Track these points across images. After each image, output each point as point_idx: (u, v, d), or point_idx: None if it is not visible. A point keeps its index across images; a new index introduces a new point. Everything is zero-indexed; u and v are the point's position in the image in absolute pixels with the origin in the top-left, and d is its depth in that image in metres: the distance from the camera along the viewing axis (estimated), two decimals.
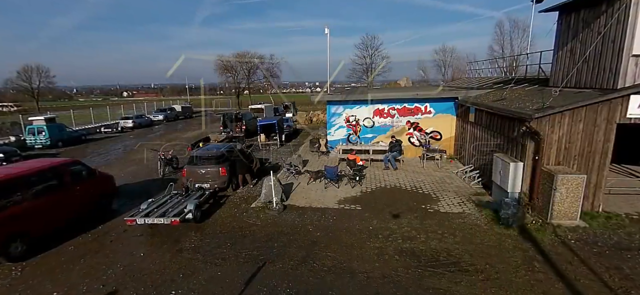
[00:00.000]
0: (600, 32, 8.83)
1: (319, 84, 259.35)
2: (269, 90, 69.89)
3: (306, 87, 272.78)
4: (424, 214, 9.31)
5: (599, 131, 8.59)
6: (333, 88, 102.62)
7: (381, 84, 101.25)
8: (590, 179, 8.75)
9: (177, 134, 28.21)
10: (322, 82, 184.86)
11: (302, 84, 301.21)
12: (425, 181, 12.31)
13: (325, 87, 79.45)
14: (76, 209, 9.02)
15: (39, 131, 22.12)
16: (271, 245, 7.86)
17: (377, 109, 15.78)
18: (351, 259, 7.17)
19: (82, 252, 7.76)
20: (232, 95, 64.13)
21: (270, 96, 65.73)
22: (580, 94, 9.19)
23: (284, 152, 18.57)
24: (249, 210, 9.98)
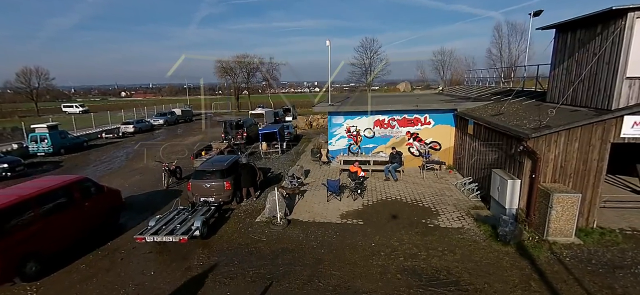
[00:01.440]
0: (596, 53, 9.12)
1: (317, 84, 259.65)
2: (268, 91, 70.01)
3: (305, 86, 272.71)
4: (425, 230, 9.59)
5: (593, 150, 8.88)
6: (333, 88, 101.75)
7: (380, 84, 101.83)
8: (585, 196, 9.05)
9: (178, 139, 28.37)
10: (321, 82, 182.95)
11: (301, 83, 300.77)
12: (425, 193, 12.59)
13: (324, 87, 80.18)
14: (86, 225, 9.26)
15: (42, 138, 22.26)
16: (277, 263, 8.11)
17: (377, 119, 16.04)
18: (355, 277, 7.44)
19: (94, 271, 8.00)
20: (231, 96, 64.25)
21: (269, 98, 65.99)
22: (576, 113, 9.48)
23: (285, 160, 18.82)
24: (253, 225, 10.23)
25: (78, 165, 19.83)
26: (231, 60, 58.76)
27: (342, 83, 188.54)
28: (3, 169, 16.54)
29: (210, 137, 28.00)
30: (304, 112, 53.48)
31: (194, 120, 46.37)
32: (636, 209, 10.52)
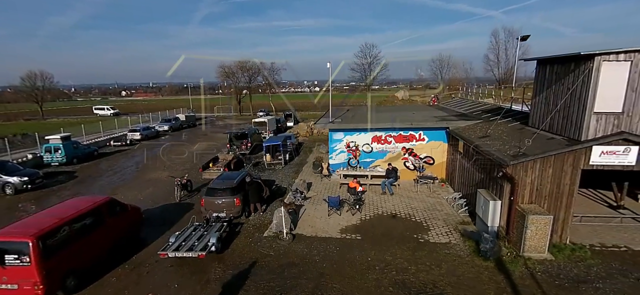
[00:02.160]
0: (569, 89, 10.22)
1: (317, 83, 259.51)
2: (269, 93, 70.40)
3: (305, 85, 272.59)
4: (416, 245, 10.70)
5: (566, 176, 9.98)
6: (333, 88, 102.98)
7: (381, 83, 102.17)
8: (558, 216, 10.16)
9: (184, 147, 29.42)
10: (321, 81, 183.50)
11: (301, 82, 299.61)
12: (418, 208, 13.71)
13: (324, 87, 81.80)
14: (113, 241, 10.37)
15: (56, 149, 23.36)
16: (284, 276, 9.22)
17: (375, 135, 17.15)
18: (353, 290, 8.55)
19: (124, 284, 9.11)
20: (232, 96, 65.17)
21: (270, 101, 66.97)
22: (551, 141, 10.58)
23: (288, 172, 19.92)
24: (262, 240, 11.34)
25: (92, 176, 20.95)
26: (233, 64, 59.78)
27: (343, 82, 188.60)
28: (24, 181, 17.63)
29: (214, 145, 29.12)
30: (304, 116, 54.59)
31: (197, 125, 47.41)
32: (608, 224, 11.63)
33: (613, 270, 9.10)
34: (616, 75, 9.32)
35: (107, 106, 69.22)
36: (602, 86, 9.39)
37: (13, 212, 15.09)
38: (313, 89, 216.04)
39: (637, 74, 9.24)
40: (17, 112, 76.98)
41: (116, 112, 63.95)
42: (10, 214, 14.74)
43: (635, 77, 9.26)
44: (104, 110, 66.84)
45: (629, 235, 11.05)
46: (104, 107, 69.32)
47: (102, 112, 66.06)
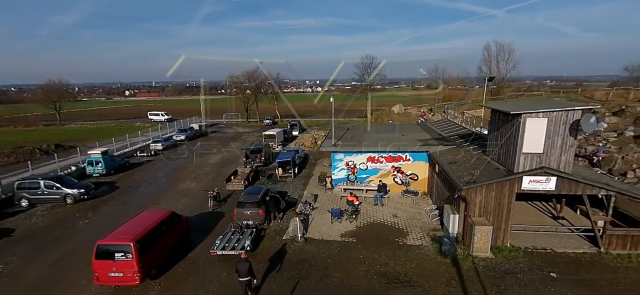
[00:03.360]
0: (508, 133, 13.97)
1: (319, 82, 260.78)
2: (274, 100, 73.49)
3: (307, 85, 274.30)
4: (396, 247, 14.47)
5: (504, 197, 13.72)
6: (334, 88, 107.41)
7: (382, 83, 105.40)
8: (499, 226, 13.91)
9: (204, 159, 33.22)
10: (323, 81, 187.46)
11: (303, 82, 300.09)
12: (402, 217, 17.48)
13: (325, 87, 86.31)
14: (175, 243, 14.19)
15: (97, 162, 27.26)
16: (300, 268, 12.99)
17: (369, 156, 20.91)
18: (349, 278, 12.32)
19: (189, 273, 12.93)
20: (236, 97, 68.55)
21: (276, 108, 70.73)
22: (497, 171, 14.34)
23: (297, 184, 23.70)
24: (282, 242, 15.13)
25: (131, 187, 24.80)
26: (241, 74, 63.61)
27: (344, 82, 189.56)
28: (81, 193, 21.48)
29: (229, 158, 32.93)
30: (307, 123, 58.35)
31: (209, 134, 51.20)
32: (546, 232, 15.33)
33: (534, 266, 12.83)
34: (538, 127, 13.05)
35: (161, 112, 71.57)
36: (528, 134, 13.14)
37: (76, 219, 18.96)
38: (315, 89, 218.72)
39: (552, 126, 12.97)
40: (34, 114, 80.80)
41: (170, 118, 67.09)
42: (75, 221, 18.65)
43: (551, 128, 13.00)
44: (159, 116, 69.39)
45: (557, 240, 14.76)
46: (159, 113, 71.58)
47: (157, 117, 68.74)
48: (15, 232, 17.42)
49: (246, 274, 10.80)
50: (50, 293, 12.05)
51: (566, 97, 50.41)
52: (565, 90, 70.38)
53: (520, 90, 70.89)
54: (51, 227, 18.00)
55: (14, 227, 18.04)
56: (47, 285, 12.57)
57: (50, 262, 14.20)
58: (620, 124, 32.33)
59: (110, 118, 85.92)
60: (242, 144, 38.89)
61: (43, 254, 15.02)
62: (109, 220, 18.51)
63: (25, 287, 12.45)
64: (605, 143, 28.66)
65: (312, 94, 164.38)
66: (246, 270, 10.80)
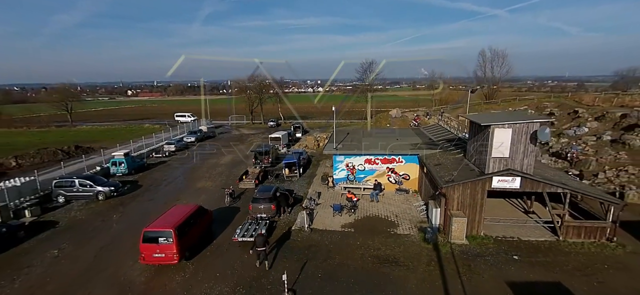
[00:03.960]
0: (481, 140, 16.66)
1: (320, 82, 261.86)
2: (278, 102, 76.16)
3: (308, 85, 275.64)
4: (388, 235, 17.18)
5: (477, 194, 16.41)
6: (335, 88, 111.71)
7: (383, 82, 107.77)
8: (473, 218, 16.60)
9: (215, 160, 35.97)
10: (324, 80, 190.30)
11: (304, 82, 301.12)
12: (394, 211, 20.18)
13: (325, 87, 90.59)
14: (201, 232, 16.94)
15: (120, 163, 30.05)
16: (308, 252, 15.71)
17: (367, 158, 23.61)
18: (348, 259, 15.03)
19: (216, 256, 15.67)
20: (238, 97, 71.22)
21: (279, 111, 73.49)
22: (472, 172, 17.03)
23: (302, 183, 26.41)
24: (291, 232, 17.85)
25: (153, 185, 27.55)
26: (246, 79, 66.42)
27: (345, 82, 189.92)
28: (111, 191, 24.23)
29: (237, 159, 35.65)
30: (309, 125, 61.08)
31: (216, 136, 53.95)
32: (516, 224, 17.97)
33: (500, 251, 15.52)
34: (504, 136, 15.73)
35: (187, 113, 74.11)
36: (496, 141, 15.82)
37: (110, 213, 21.71)
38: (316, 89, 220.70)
39: (516, 135, 15.65)
40: (47, 115, 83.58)
41: (195, 119, 70.06)
42: (109, 215, 21.41)
43: (515, 137, 15.67)
44: (185, 117, 72.13)
45: (524, 231, 17.41)
46: (185, 114, 74.12)
47: (183, 119, 71.47)
48: (59, 224, 20.20)
49: (262, 245, 13.87)
50: (104, 271, 14.81)
51: (557, 101, 52.89)
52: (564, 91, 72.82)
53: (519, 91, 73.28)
54: (89, 220, 20.77)
55: (57, 220, 20.81)
56: (100, 265, 15.34)
57: (97, 248, 16.97)
58: (600, 128, 34.93)
59: (118, 119, 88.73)
60: (249, 145, 41.64)
61: (89, 241, 17.79)
62: (138, 214, 21.33)
63: (82, 267, 15.22)
64: (585, 146, 31.29)
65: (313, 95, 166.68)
66: (262, 241, 13.90)
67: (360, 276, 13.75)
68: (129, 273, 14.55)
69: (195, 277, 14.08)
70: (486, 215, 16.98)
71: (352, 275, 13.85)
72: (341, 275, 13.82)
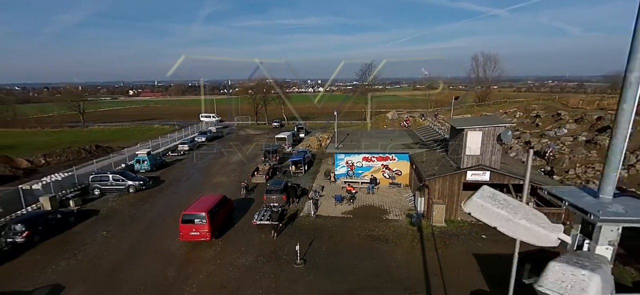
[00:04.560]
0: (458, 141, 20.08)
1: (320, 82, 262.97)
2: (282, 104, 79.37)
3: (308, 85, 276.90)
4: (380, 220, 20.59)
5: (454, 185, 19.81)
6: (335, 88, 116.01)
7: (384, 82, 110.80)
8: (451, 205, 20.01)
9: (226, 158, 39.38)
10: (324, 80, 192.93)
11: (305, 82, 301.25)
12: (387, 202, 23.58)
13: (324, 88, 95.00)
14: (225, 217, 20.37)
15: (143, 161, 33.47)
16: (314, 233, 19.12)
17: (364, 156, 27.01)
18: (347, 238, 18.45)
19: (239, 235, 19.09)
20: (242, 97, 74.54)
21: (283, 112, 76.83)
22: (450, 167, 20.44)
23: (307, 178, 29.81)
24: (300, 218, 21.26)
25: (174, 181, 30.96)
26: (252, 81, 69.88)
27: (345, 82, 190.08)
28: (140, 185, 27.65)
29: (246, 156, 39.06)
30: (311, 126, 64.43)
31: (225, 136, 57.34)
32: None
33: (472, 232, 18.91)
34: (476, 137, 19.13)
35: (212, 114, 76.85)
36: (469, 142, 19.22)
37: (141, 204, 25.12)
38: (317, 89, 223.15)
39: (485, 137, 19.03)
40: (60, 114, 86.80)
41: (220, 119, 73.76)
42: (141, 205, 24.80)
43: (484, 139, 19.06)
44: (210, 118, 75.06)
45: None
46: (210, 115, 76.68)
47: (208, 119, 74.40)
48: (100, 212, 23.64)
49: (277, 220, 17.44)
50: (149, 247, 18.24)
51: (544, 103, 56.17)
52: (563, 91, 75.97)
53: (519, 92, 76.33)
54: (125, 209, 24.20)
55: (97, 209, 24.25)
56: (144, 242, 18.78)
57: (139, 231, 20.41)
58: (578, 129, 38.29)
59: (126, 119, 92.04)
60: (255, 145, 45.09)
61: (129, 226, 21.23)
62: (166, 204, 24.78)
63: (129, 244, 18.65)
64: (562, 146, 34.67)
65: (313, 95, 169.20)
66: (277, 217, 17.66)
67: (356, 250, 17.18)
68: (170, 248, 17.99)
69: (224, 251, 17.52)
70: None
71: (350, 249, 17.28)
72: (342, 249, 17.25)
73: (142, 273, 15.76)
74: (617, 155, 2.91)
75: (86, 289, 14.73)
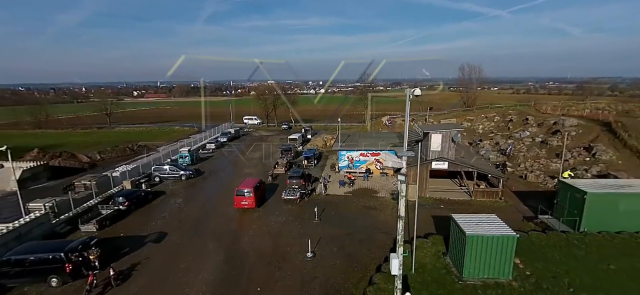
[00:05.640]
0: (426, 141, 28.49)
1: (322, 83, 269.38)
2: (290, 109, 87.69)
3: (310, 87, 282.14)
4: (371, 197, 29.01)
5: (423, 172, 28.19)
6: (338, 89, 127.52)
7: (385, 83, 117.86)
8: (422, 186, 28.40)
9: (248, 155, 47.81)
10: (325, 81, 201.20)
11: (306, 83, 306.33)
12: (378, 186, 31.97)
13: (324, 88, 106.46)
14: (263, 193, 28.81)
15: (185, 156, 41.96)
16: (325, 204, 27.47)
17: (361, 153, 35.41)
18: (348, 208, 26.87)
19: (273, 206, 27.52)
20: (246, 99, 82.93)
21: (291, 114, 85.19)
22: (422, 159, 28.85)
23: (316, 170, 38.20)
24: (314, 196, 29.67)
25: (212, 172, 39.39)
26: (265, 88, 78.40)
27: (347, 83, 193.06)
28: (189, 174, 36.10)
29: (265, 153, 47.47)
30: (316, 128, 72.73)
31: (241, 137, 65.76)
32: (452, 191, 29.64)
33: (435, 204, 27.25)
34: (438, 138, 27.49)
35: (254, 116, 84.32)
36: (433, 141, 27.60)
37: (194, 187, 33.56)
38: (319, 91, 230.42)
39: (443, 137, 27.39)
40: (86, 115, 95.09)
41: (260, 122, 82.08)
42: (193, 188, 33.25)
43: (443, 139, 27.42)
44: (252, 120, 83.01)
45: (454, 195, 29.07)
46: (252, 117, 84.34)
47: (251, 121, 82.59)
48: (166, 193, 32.07)
49: (298, 195, 25.83)
50: (213, 212, 26.66)
51: (520, 109, 64.38)
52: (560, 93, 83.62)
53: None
54: (182, 191, 32.63)
55: (162, 190, 32.68)
56: (209, 209, 27.22)
57: (201, 203, 28.85)
58: (538, 132, 46.54)
59: (145, 121, 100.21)
60: (270, 144, 53.51)
61: (192, 201, 29.66)
62: (213, 188, 33.22)
63: (198, 211, 27.06)
64: (521, 145, 42.94)
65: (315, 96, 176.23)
66: (298, 192, 25.84)
67: (354, 214, 25.58)
68: (228, 212, 26.42)
69: (264, 214, 25.94)
70: (432, 186, 28.71)
71: (350, 213, 25.69)
72: (344, 213, 25.67)
73: (214, 225, 24.19)
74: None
75: (181, 234, 23.13)
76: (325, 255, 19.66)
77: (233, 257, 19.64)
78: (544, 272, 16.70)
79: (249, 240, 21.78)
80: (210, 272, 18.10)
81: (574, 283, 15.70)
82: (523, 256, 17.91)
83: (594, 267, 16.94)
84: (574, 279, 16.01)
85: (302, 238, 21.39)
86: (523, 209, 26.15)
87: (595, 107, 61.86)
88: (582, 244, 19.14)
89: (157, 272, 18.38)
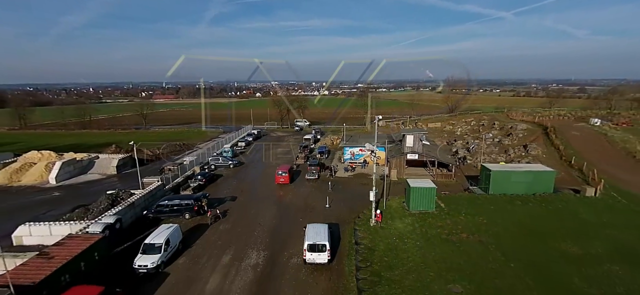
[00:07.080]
0: (402, 139, 42.06)
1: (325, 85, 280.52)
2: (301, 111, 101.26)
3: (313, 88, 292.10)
4: (367, 178, 42.58)
5: (401, 161, 41.75)
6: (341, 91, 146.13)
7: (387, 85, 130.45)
8: (400, 170, 41.96)
9: (272, 151, 61.52)
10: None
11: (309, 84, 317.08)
12: (371, 172, 45.55)
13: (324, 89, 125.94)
14: (293, 175, 42.54)
15: (228, 151, 55.79)
16: (334, 183, 41.05)
17: (360, 148, 49.00)
18: (351, 186, 40.47)
19: (300, 183, 41.18)
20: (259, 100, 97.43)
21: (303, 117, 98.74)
22: (400, 152, 42.44)
23: (327, 161, 51.76)
24: (327, 178, 43.30)
25: (251, 164, 53.14)
26: (282, 94, 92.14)
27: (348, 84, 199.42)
28: (236, 163, 49.89)
29: (284, 150, 61.09)
30: (324, 129, 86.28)
31: (262, 137, 79.46)
32: (422, 176, 43.12)
33: None
34: (412, 139, 41.03)
35: (303, 119, 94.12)
36: (407, 140, 41.16)
37: (241, 172, 47.40)
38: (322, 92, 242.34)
39: (414, 137, 40.90)
40: (123, 116, 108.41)
41: (309, 124, 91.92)
42: (241, 173, 47.13)
43: (416, 140, 40.94)
44: (302, 122, 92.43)
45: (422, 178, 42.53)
46: (302, 120, 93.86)
47: (301, 123, 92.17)
48: (222, 175, 45.87)
49: (316, 174, 39.57)
50: (261, 186, 40.42)
51: (493, 115, 77.42)
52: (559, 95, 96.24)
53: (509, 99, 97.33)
54: (234, 175, 46.36)
55: (220, 174, 46.47)
56: (257, 184, 41.01)
57: (250, 181, 42.65)
58: (498, 134, 59.73)
59: (173, 123, 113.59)
60: (288, 143, 67.23)
61: (244, 180, 43.44)
62: (255, 172, 47.02)
63: (249, 186, 40.80)
64: (483, 145, 56.21)
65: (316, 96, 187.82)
66: (315, 167, 39.60)
67: (354, 188, 39.22)
68: (271, 186, 40.15)
69: (295, 187, 39.62)
70: (408, 172, 42.20)
71: (351, 187, 39.31)
72: (348, 187, 39.30)
73: (264, 192, 37.91)
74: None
75: (245, 197, 36.81)
76: (336, 206, 33.32)
77: (281, 207, 33.33)
78: (454, 209, 30.23)
79: (289, 200, 35.47)
80: (271, 214, 31.79)
81: (467, 212, 29.26)
82: (448, 205, 31.39)
83: (480, 208, 30.44)
84: (468, 210, 29.54)
85: (322, 199, 35.00)
86: (465, 184, 39.59)
87: (558, 114, 75.15)
88: (485, 199, 32.61)
89: (240, 213, 32.10)
